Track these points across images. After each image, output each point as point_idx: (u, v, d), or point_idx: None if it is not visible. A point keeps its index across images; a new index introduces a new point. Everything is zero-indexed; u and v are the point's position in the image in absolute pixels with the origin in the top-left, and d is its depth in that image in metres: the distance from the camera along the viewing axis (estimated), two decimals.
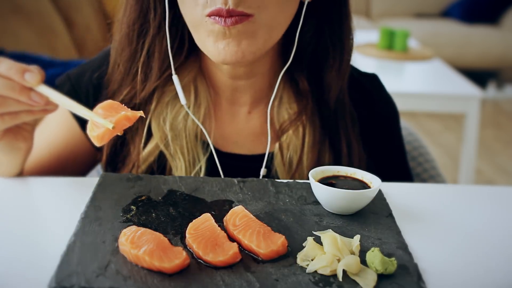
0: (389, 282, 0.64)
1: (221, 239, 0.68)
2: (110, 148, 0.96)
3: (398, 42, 3.05)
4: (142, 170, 0.93)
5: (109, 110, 0.75)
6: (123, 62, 0.93)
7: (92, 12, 3.08)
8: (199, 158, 0.93)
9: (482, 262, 0.72)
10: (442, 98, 2.67)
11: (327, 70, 0.94)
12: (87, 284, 0.61)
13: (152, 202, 0.79)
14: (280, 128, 0.95)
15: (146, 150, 0.93)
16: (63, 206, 0.81)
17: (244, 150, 0.97)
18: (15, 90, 0.74)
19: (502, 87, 4.86)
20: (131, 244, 0.65)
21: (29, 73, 0.75)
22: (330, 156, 0.96)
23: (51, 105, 0.77)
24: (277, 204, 0.80)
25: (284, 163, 0.94)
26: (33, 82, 0.75)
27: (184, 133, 0.93)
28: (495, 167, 3.52)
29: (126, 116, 0.74)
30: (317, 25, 0.93)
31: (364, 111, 1.00)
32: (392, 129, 1.05)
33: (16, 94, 0.75)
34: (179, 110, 0.94)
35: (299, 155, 0.94)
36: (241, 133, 0.97)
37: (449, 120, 4.19)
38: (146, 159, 0.93)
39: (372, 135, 1.01)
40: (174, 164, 0.93)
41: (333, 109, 0.96)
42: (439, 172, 1.29)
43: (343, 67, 0.94)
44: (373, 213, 0.79)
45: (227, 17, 0.80)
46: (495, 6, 4.91)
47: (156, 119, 0.93)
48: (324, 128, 0.96)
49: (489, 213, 0.86)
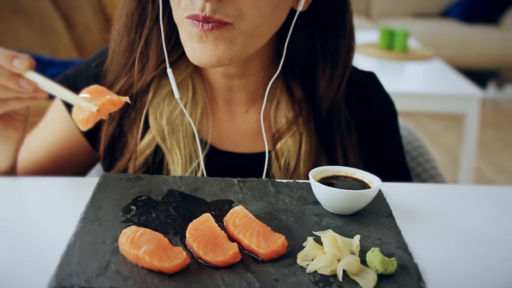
0: (389, 282, 0.64)
1: (221, 239, 0.68)
2: (108, 139, 0.96)
3: (398, 42, 3.05)
4: (140, 162, 0.93)
5: (95, 94, 0.75)
6: (121, 52, 0.93)
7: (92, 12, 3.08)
8: (196, 155, 0.93)
9: (482, 262, 0.72)
10: (442, 98, 2.67)
11: (317, 81, 0.93)
12: (87, 284, 0.61)
13: (152, 202, 0.79)
14: (277, 132, 0.95)
15: (143, 142, 0.93)
16: (63, 206, 0.81)
17: (242, 149, 0.97)
18: (4, 76, 0.75)
19: (502, 87, 4.86)
20: (131, 244, 0.65)
21: (18, 59, 0.75)
22: (326, 164, 0.95)
23: (40, 93, 0.78)
24: (277, 204, 0.80)
25: (280, 168, 0.94)
26: (21, 68, 0.75)
27: (181, 127, 0.93)
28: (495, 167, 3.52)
29: (111, 100, 0.75)
30: (311, 36, 0.92)
31: (362, 110, 1.00)
32: (390, 127, 1.05)
33: (4, 80, 0.75)
34: (176, 105, 0.94)
35: (296, 160, 0.93)
36: (238, 132, 0.97)
37: (449, 120, 4.19)
38: (143, 151, 0.93)
39: (370, 133, 1.01)
40: (171, 158, 0.93)
41: (327, 119, 0.95)
42: (439, 172, 1.29)
43: (334, 80, 0.93)
44: (373, 213, 0.79)
45: (204, 22, 0.80)
46: (495, 6, 4.91)
47: (153, 112, 0.94)
48: (320, 137, 0.95)
49: (489, 213, 0.86)
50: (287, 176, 0.94)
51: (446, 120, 4.20)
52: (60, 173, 0.99)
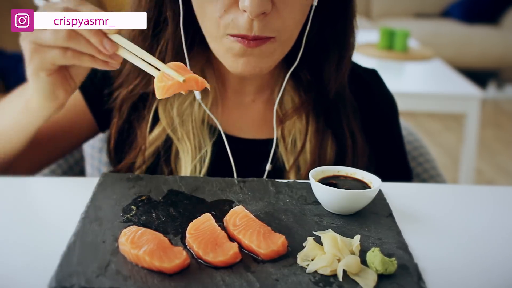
0: (389, 282, 0.64)
1: (221, 239, 0.68)
2: (117, 134, 0.97)
3: (398, 42, 3.05)
4: (149, 152, 0.95)
5: (179, 70, 0.75)
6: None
7: None
8: (205, 142, 0.95)
9: (482, 262, 0.72)
10: (442, 98, 2.67)
11: (326, 65, 0.96)
12: (87, 284, 0.61)
13: (152, 202, 0.79)
14: (284, 115, 0.97)
15: (153, 134, 0.95)
16: (63, 206, 0.81)
17: (249, 135, 0.99)
18: (91, 30, 0.73)
19: (502, 87, 4.86)
20: (131, 244, 0.65)
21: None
22: (332, 145, 0.98)
23: (115, 59, 0.76)
24: (277, 204, 0.80)
25: (287, 149, 0.96)
26: (110, 29, 0.74)
27: (191, 118, 0.95)
28: (495, 167, 3.52)
29: (196, 77, 0.74)
30: (320, 24, 0.94)
31: (364, 104, 1.02)
32: (392, 121, 1.07)
33: (90, 35, 0.73)
34: (186, 97, 0.95)
35: (303, 140, 0.96)
36: (246, 119, 1.00)
37: (449, 120, 4.19)
38: (153, 142, 0.95)
39: (372, 127, 1.03)
40: (181, 147, 0.95)
41: (333, 100, 0.98)
42: (439, 172, 1.29)
43: (343, 63, 0.96)
44: (373, 213, 0.79)
45: (251, 40, 0.82)
46: (495, 6, 4.91)
47: (163, 105, 0.96)
48: (326, 117, 0.98)
49: (489, 213, 0.86)
50: (293, 155, 0.95)
51: (446, 120, 4.20)
52: (56, 139, 0.97)
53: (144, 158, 0.95)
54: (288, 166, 0.96)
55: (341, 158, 0.98)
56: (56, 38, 0.72)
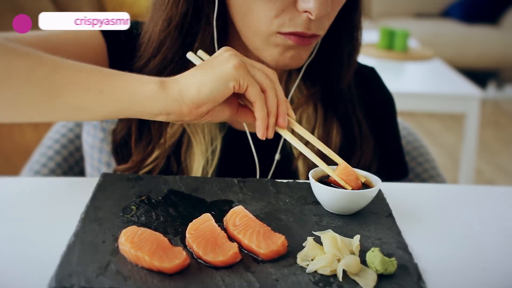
0: (389, 282, 0.64)
1: (221, 239, 0.68)
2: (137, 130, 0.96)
3: (398, 42, 3.05)
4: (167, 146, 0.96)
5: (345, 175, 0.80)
6: (163, 51, 0.92)
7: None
8: (216, 136, 0.97)
9: (482, 262, 0.72)
10: (442, 98, 2.67)
11: (337, 59, 0.98)
12: (87, 284, 0.61)
13: (152, 202, 0.79)
14: (292, 104, 0.98)
15: (173, 128, 0.96)
16: (63, 206, 0.81)
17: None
18: (287, 102, 0.81)
19: (502, 87, 4.86)
20: (131, 244, 0.65)
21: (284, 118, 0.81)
22: (339, 134, 1.00)
23: (270, 135, 0.81)
24: (277, 204, 0.80)
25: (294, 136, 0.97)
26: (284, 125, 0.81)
27: None
28: (495, 167, 3.52)
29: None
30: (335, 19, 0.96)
31: (364, 98, 1.05)
32: (389, 116, 1.09)
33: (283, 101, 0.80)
34: None
35: (311, 128, 0.98)
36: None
37: (449, 120, 4.19)
38: (172, 136, 0.96)
39: (371, 121, 1.04)
40: (194, 141, 0.96)
41: (340, 92, 1.00)
42: (439, 172, 1.29)
43: (353, 58, 0.99)
44: (373, 213, 0.79)
45: (307, 37, 0.85)
46: (495, 6, 4.91)
47: None
48: (334, 109, 1.01)
49: (489, 213, 0.86)
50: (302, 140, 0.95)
51: (446, 120, 4.20)
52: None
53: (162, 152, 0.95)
54: (297, 154, 0.98)
55: (349, 147, 1.00)
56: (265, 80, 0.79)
